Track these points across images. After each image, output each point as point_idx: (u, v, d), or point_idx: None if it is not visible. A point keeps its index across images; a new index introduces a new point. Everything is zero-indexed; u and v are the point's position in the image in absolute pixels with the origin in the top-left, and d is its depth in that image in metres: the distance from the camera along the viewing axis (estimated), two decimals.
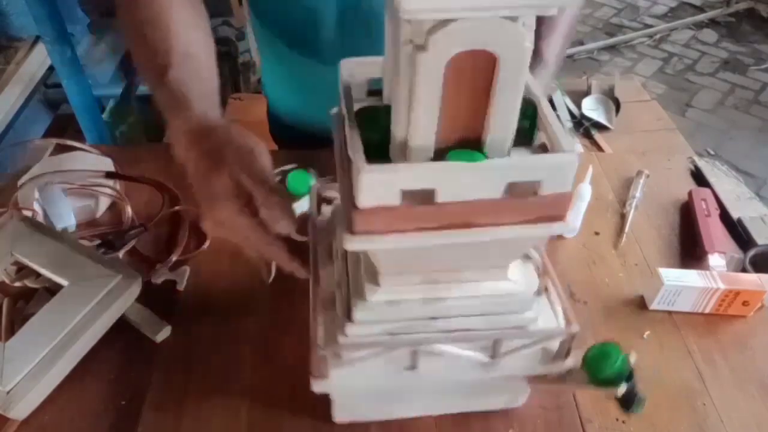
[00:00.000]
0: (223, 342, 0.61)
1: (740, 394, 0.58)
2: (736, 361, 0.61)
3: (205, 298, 0.66)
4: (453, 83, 0.35)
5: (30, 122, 1.62)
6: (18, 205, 0.72)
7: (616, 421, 0.56)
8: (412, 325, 0.47)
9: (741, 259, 0.71)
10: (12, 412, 0.52)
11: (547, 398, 0.57)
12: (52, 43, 1.34)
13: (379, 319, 0.47)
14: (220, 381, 0.58)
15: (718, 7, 3.19)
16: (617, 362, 0.44)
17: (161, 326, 0.61)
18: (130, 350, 0.60)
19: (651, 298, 0.65)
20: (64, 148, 0.83)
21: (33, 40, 1.63)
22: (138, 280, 0.61)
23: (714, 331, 0.64)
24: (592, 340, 0.62)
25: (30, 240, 0.63)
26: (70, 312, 0.57)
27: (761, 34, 3.02)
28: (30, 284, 0.63)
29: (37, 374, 0.54)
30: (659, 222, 0.77)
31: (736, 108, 2.53)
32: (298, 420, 0.55)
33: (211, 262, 0.70)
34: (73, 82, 1.42)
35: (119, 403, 0.56)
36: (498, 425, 0.55)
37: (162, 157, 0.85)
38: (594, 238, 0.75)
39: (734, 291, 0.63)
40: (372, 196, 0.37)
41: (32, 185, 0.73)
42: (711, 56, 2.85)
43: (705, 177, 0.83)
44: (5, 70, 1.53)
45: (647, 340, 0.63)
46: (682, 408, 0.57)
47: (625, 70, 2.73)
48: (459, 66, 0.35)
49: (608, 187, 0.82)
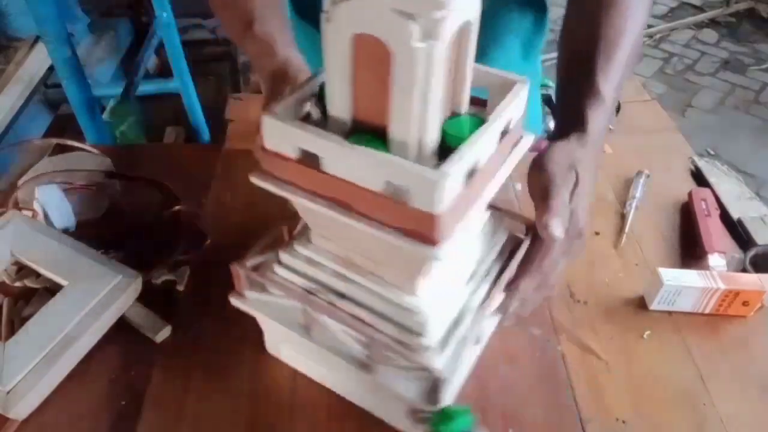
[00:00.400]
0: (223, 342, 0.61)
1: (740, 394, 0.58)
2: (736, 361, 0.61)
3: (205, 298, 0.66)
4: (360, 63, 0.36)
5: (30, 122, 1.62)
6: (18, 205, 0.72)
7: (616, 421, 0.56)
8: (321, 291, 0.50)
9: (741, 259, 0.71)
10: (12, 412, 0.52)
11: (546, 398, 0.57)
12: (52, 43, 1.34)
13: (300, 271, 0.51)
14: (220, 381, 0.58)
15: (718, 7, 3.19)
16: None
17: (161, 326, 0.61)
18: (130, 350, 0.60)
19: (651, 298, 0.65)
20: (64, 148, 0.83)
21: (33, 40, 1.63)
22: (138, 280, 0.61)
23: (714, 331, 0.64)
24: (593, 340, 0.62)
25: (30, 240, 0.63)
26: (70, 312, 0.57)
27: (761, 34, 3.02)
28: (30, 284, 0.63)
29: (37, 374, 0.53)
30: (659, 222, 0.77)
31: (736, 108, 2.53)
32: (298, 420, 0.55)
33: (211, 262, 0.70)
34: (73, 82, 1.42)
35: (119, 403, 0.56)
36: (497, 425, 0.55)
37: (162, 157, 0.85)
38: (594, 238, 0.75)
39: (734, 291, 0.63)
40: (271, 142, 0.41)
41: (32, 185, 0.73)
42: (711, 56, 2.86)
43: (705, 177, 0.83)
44: (5, 70, 1.53)
45: (647, 340, 0.63)
46: (682, 408, 0.57)
47: None
48: (362, 47, 0.35)
49: (608, 187, 0.82)
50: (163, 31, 1.81)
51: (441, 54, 0.34)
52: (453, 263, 0.49)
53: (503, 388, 0.58)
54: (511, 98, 0.43)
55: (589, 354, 0.60)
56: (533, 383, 0.58)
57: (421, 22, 0.33)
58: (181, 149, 1.25)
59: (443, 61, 0.35)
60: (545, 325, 0.64)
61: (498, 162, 0.44)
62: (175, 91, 1.95)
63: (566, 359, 0.60)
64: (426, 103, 0.36)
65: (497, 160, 0.44)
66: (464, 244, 0.49)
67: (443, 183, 0.35)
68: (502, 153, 0.44)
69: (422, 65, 0.34)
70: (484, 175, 0.42)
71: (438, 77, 0.35)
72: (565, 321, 0.64)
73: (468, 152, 0.38)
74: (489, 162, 0.42)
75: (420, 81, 0.35)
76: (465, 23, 0.37)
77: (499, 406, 0.56)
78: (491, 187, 0.44)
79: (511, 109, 0.43)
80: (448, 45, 0.35)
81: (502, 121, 0.42)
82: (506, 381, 0.58)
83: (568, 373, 0.59)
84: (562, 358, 0.61)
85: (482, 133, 0.39)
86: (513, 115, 0.44)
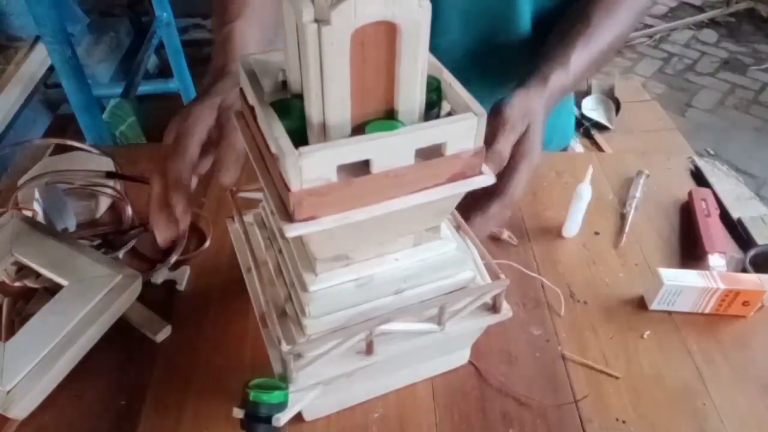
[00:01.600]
0: (223, 342, 0.61)
1: (740, 394, 0.58)
2: (736, 361, 0.61)
3: (205, 298, 0.66)
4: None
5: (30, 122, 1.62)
6: (18, 205, 0.72)
7: (616, 421, 0.56)
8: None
9: (741, 259, 0.71)
10: (12, 412, 0.52)
11: (546, 398, 0.57)
12: (52, 43, 1.35)
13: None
14: (220, 381, 0.58)
15: (718, 7, 3.19)
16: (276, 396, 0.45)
17: (161, 326, 0.61)
18: (130, 350, 0.60)
19: (651, 298, 0.65)
20: (64, 148, 0.83)
21: (33, 40, 1.63)
22: (138, 280, 0.61)
23: (714, 331, 0.64)
24: (593, 340, 0.63)
25: (30, 240, 0.63)
26: (70, 312, 0.57)
27: (761, 34, 3.02)
28: (30, 284, 0.63)
29: (37, 374, 0.53)
30: (659, 222, 0.77)
31: (736, 108, 2.53)
32: (298, 420, 0.55)
33: (211, 262, 0.70)
34: (73, 82, 1.42)
35: (119, 403, 0.56)
36: (497, 425, 0.55)
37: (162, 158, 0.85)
38: (594, 238, 0.75)
39: (734, 291, 0.63)
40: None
41: (32, 185, 0.73)
42: (711, 56, 2.86)
43: (705, 177, 0.83)
44: (5, 70, 1.53)
45: (647, 340, 0.63)
46: (682, 408, 0.57)
47: (625, 70, 2.73)
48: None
49: (608, 187, 0.82)
50: (163, 31, 1.81)
51: (428, 13, 0.37)
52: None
53: (503, 388, 0.58)
54: (450, 122, 0.40)
55: (600, 373, 0.60)
56: (533, 383, 0.58)
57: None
58: None
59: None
60: (545, 325, 0.64)
61: (416, 179, 0.41)
62: (175, 91, 1.96)
63: (566, 359, 0.61)
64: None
65: (417, 176, 0.41)
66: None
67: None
68: (426, 172, 0.41)
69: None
70: (386, 180, 0.40)
71: (428, 35, 0.38)
72: (565, 321, 0.64)
73: (350, 144, 0.37)
74: (399, 171, 0.40)
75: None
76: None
77: (499, 406, 0.56)
78: (396, 195, 0.41)
79: (443, 134, 0.40)
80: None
81: (422, 135, 0.39)
82: (506, 381, 0.58)
83: (568, 373, 0.59)
84: (562, 358, 0.61)
85: (386, 135, 0.38)
86: (451, 141, 0.40)
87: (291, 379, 0.46)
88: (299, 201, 0.38)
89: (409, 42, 0.37)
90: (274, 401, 0.45)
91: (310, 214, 0.39)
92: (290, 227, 0.39)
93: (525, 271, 0.68)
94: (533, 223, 0.76)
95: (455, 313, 0.50)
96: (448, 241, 0.49)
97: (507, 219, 0.62)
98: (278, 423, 0.45)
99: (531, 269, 0.70)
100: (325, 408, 0.55)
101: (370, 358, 0.48)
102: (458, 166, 0.41)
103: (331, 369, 0.48)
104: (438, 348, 0.54)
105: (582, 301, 0.67)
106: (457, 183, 0.42)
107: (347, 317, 0.47)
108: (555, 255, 0.72)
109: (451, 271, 0.50)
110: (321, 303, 0.46)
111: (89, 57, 1.87)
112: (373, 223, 0.41)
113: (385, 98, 0.40)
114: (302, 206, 0.38)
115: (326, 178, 0.38)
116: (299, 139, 0.39)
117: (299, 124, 0.40)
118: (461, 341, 0.56)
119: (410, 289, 0.48)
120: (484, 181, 0.43)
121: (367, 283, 0.47)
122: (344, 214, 0.39)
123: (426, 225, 0.47)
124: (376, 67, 0.38)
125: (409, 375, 0.57)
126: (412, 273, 0.48)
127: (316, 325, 0.46)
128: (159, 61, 2.22)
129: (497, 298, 0.51)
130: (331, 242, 0.43)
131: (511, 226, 0.75)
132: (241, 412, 0.45)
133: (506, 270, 0.68)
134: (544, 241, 0.74)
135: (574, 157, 0.97)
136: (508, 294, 0.52)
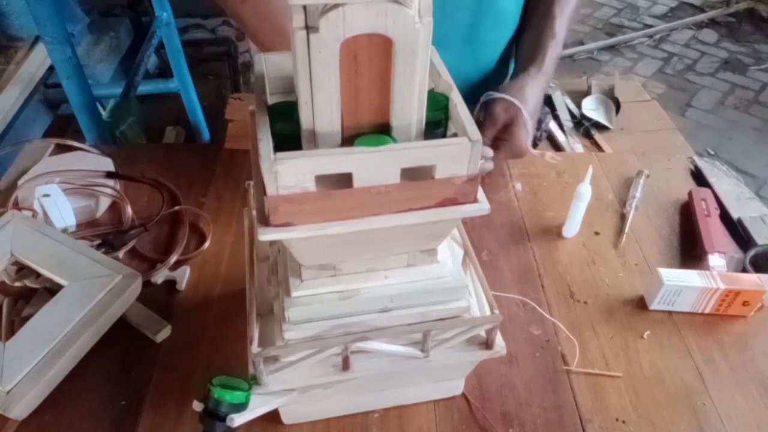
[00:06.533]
0: (223, 342, 0.61)
1: (740, 394, 0.58)
2: (736, 361, 0.61)
3: (205, 298, 0.66)
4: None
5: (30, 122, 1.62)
6: (18, 205, 0.72)
7: (616, 421, 0.56)
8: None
9: (741, 259, 0.71)
10: (12, 412, 0.52)
11: (546, 398, 0.57)
12: (52, 43, 1.34)
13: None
14: None
15: (718, 7, 3.19)
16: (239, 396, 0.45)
17: (161, 326, 0.61)
18: (130, 350, 0.60)
19: (651, 298, 0.65)
20: (64, 148, 0.83)
21: (33, 40, 1.63)
22: (138, 280, 0.61)
23: (714, 331, 0.64)
24: (593, 340, 0.62)
25: (30, 240, 0.63)
26: (70, 312, 0.57)
27: (761, 34, 3.02)
28: (30, 284, 0.63)
29: (37, 374, 0.53)
30: (659, 222, 0.77)
31: (736, 108, 2.53)
32: (299, 420, 0.55)
33: (211, 262, 0.70)
34: (73, 82, 1.42)
35: (119, 403, 0.56)
36: (497, 425, 0.55)
37: (162, 157, 0.85)
38: (594, 238, 0.75)
39: (734, 291, 0.63)
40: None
41: (32, 185, 0.73)
42: (711, 56, 2.85)
43: (705, 177, 0.83)
44: (5, 70, 1.53)
45: (647, 340, 0.63)
46: (682, 408, 0.57)
47: (625, 70, 2.72)
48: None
49: (608, 187, 0.82)
50: (163, 31, 1.80)
51: (430, 30, 0.36)
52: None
53: (503, 388, 0.58)
54: (440, 144, 0.39)
55: (601, 377, 0.60)
56: (533, 383, 0.58)
57: (413, 6, 0.34)
58: (181, 149, 1.25)
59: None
60: (545, 325, 0.64)
61: (402, 199, 0.40)
62: (175, 91, 1.95)
63: (566, 359, 0.61)
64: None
65: (402, 195, 0.39)
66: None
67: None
68: (413, 193, 0.40)
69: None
70: (368, 197, 0.39)
71: (428, 51, 0.37)
72: (565, 321, 0.64)
73: (328, 155, 0.37)
74: (383, 189, 0.39)
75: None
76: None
77: (499, 406, 0.56)
78: (380, 212, 0.40)
79: (432, 156, 0.38)
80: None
81: (407, 154, 0.38)
82: (506, 381, 0.58)
83: (568, 373, 0.59)
84: (562, 358, 0.61)
85: (368, 150, 0.37)
86: (441, 164, 0.39)
87: (261, 381, 0.46)
88: (274, 206, 0.37)
89: (405, 57, 0.36)
90: (234, 401, 0.45)
91: (286, 220, 0.38)
92: (264, 231, 0.38)
93: (538, 309, 0.65)
94: (533, 223, 0.76)
95: (442, 342, 0.48)
96: (444, 267, 0.47)
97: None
98: (232, 423, 0.45)
99: (531, 269, 0.70)
100: (305, 414, 0.54)
101: (345, 374, 0.47)
102: (449, 191, 0.39)
103: (306, 378, 0.47)
104: (425, 375, 0.53)
105: (582, 301, 0.67)
106: (448, 208, 0.40)
107: (326, 328, 0.46)
108: (555, 255, 0.72)
109: (443, 298, 0.47)
110: (302, 310, 0.45)
111: (89, 57, 1.86)
112: (357, 237, 0.40)
113: (380, 112, 0.39)
114: (277, 212, 0.37)
115: (303, 186, 0.37)
116: (296, 144, 0.39)
117: (297, 129, 0.39)
118: (451, 372, 0.54)
119: (397, 310, 0.46)
120: (478, 210, 0.40)
121: (352, 296, 0.45)
122: (321, 225, 0.38)
123: (419, 247, 0.45)
124: (370, 80, 0.37)
125: (396, 397, 0.56)
126: (400, 293, 0.46)
127: (294, 330, 0.45)
128: (159, 61, 2.22)
129: (491, 332, 0.49)
130: (312, 251, 0.42)
131: (511, 225, 0.76)
132: (200, 406, 0.45)
133: (513, 304, 0.68)
134: (544, 241, 0.74)
135: (574, 157, 0.97)
136: (504, 329, 0.49)
